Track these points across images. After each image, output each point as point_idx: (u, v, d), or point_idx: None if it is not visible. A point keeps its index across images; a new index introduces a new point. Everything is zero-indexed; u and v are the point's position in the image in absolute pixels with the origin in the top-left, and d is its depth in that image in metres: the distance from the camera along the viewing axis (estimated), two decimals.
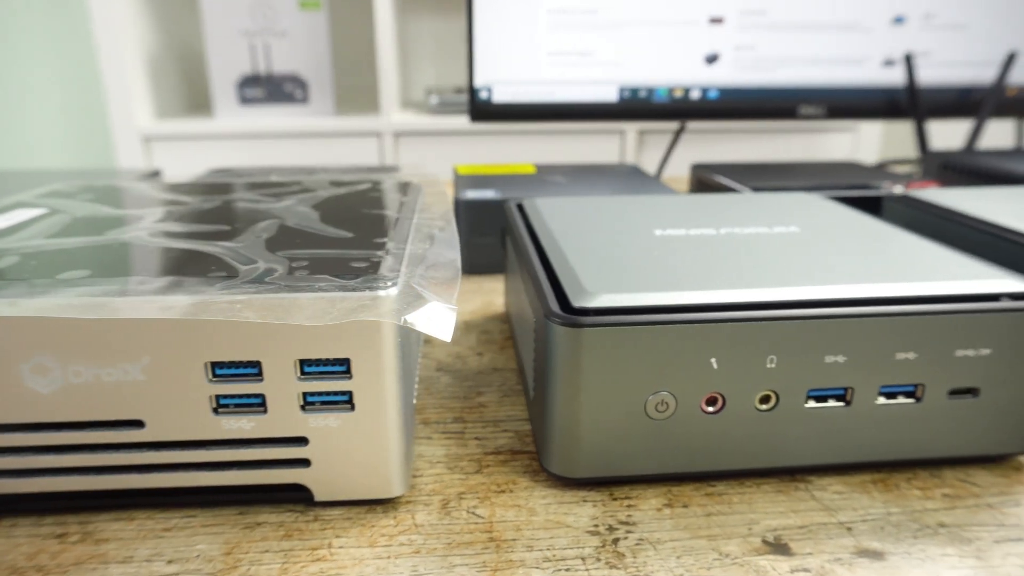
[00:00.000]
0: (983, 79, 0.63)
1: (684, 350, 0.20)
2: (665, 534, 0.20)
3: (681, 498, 0.22)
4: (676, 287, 0.21)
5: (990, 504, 0.22)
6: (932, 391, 0.22)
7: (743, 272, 0.23)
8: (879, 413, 0.22)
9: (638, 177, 0.49)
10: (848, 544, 0.20)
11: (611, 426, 0.21)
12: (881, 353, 0.21)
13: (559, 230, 0.28)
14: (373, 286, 0.19)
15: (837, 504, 0.22)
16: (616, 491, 0.22)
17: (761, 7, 0.60)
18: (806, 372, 0.21)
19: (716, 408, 0.21)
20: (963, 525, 0.21)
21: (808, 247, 0.25)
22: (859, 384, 0.21)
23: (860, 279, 0.22)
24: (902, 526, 0.21)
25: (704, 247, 0.26)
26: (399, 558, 0.19)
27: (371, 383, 0.20)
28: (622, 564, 0.19)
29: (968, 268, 0.23)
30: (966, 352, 0.21)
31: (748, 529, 0.20)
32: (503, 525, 0.21)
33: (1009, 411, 0.22)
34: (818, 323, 0.21)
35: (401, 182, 0.32)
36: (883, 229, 0.28)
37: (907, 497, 0.22)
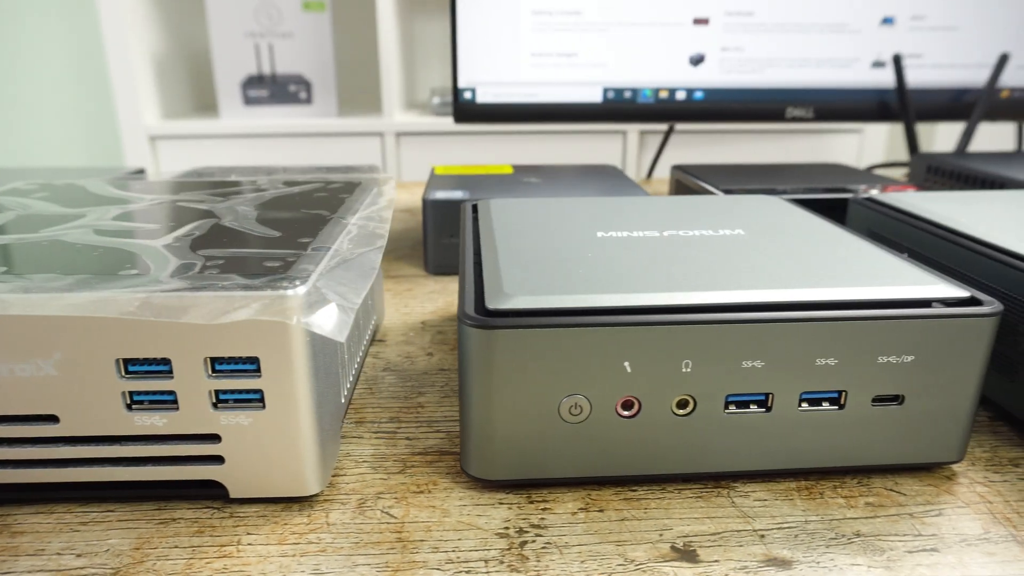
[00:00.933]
0: (975, 81, 0.62)
1: (596, 353, 0.20)
2: (574, 538, 0.20)
3: (599, 502, 0.22)
4: (594, 290, 0.21)
5: (912, 514, 0.21)
6: (855, 398, 0.21)
7: (670, 275, 0.22)
8: (802, 420, 0.22)
9: (614, 178, 0.49)
10: (757, 552, 0.20)
11: (526, 429, 0.21)
12: (800, 359, 0.21)
13: (502, 231, 0.28)
14: (276, 285, 0.19)
15: (756, 511, 0.21)
16: (534, 494, 0.22)
17: (747, 8, 0.59)
18: (723, 377, 0.21)
19: (632, 412, 0.21)
20: (880, 535, 0.20)
21: (746, 250, 0.25)
22: (779, 390, 0.21)
23: (785, 284, 0.22)
24: (817, 535, 0.20)
25: (641, 249, 0.25)
26: (304, 556, 0.19)
27: (281, 382, 0.20)
28: (523, 568, 0.19)
29: (903, 273, 0.23)
30: (888, 359, 0.21)
31: (659, 535, 0.20)
32: (414, 526, 0.21)
33: (934, 419, 0.22)
34: (733, 328, 0.20)
35: (352, 182, 0.32)
36: (832, 233, 0.28)
37: (829, 505, 0.22)
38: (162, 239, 0.23)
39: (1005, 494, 0.22)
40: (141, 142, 1.19)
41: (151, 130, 1.19)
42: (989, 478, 0.23)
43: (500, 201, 0.34)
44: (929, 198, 0.34)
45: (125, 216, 0.26)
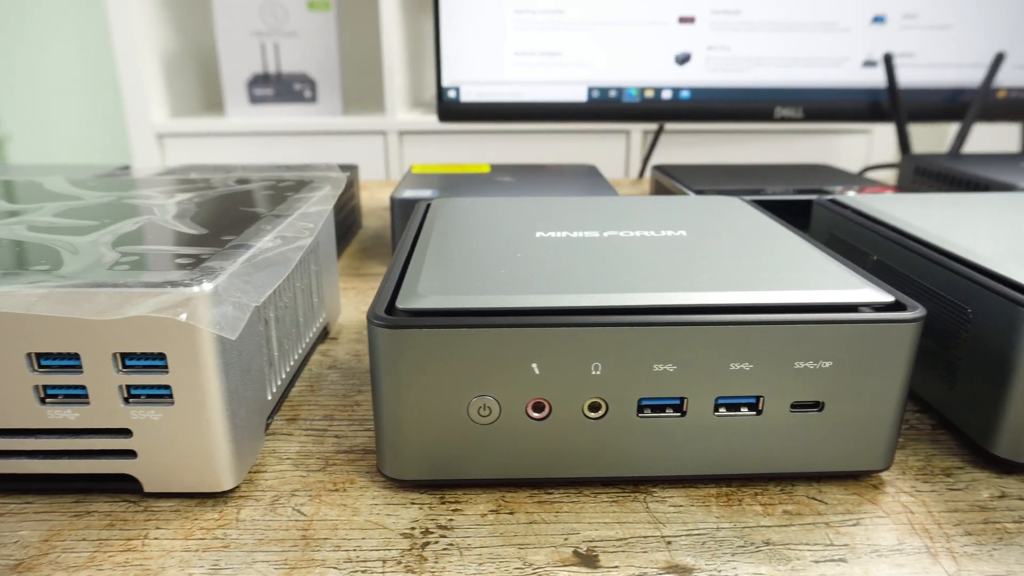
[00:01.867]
0: (971, 81, 0.60)
1: (503, 354, 0.20)
2: (478, 540, 0.20)
3: (511, 504, 0.22)
4: (509, 291, 0.21)
5: (828, 523, 0.21)
6: (773, 404, 0.21)
7: (590, 277, 0.22)
8: (719, 425, 0.21)
9: (589, 178, 0.48)
10: (660, 559, 0.19)
11: (436, 429, 0.21)
12: (714, 363, 0.20)
13: (442, 230, 0.28)
14: (176, 283, 0.19)
15: (669, 517, 0.21)
16: (448, 495, 0.22)
17: (734, 6, 0.58)
18: (635, 381, 0.21)
19: (543, 414, 0.21)
20: (790, 544, 0.20)
21: (679, 252, 0.25)
22: (694, 395, 0.21)
23: (704, 286, 0.21)
24: (726, 542, 0.20)
25: (573, 250, 0.25)
26: (206, 552, 0.20)
27: (189, 378, 0.20)
28: (420, 569, 0.19)
29: (831, 278, 0.22)
30: (805, 364, 0.21)
31: (565, 539, 0.20)
32: (322, 524, 0.21)
33: (857, 427, 0.21)
34: (642, 331, 0.20)
35: (303, 180, 0.32)
36: (777, 235, 0.27)
37: (745, 513, 0.21)
38: (90, 236, 0.23)
39: (930, 504, 0.21)
40: (149, 140, 1.21)
41: (158, 128, 1.21)
42: (917, 488, 0.22)
43: (451, 200, 0.34)
44: (892, 200, 0.33)
45: (66, 213, 0.27)
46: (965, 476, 0.23)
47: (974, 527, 0.20)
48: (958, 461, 0.24)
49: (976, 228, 0.28)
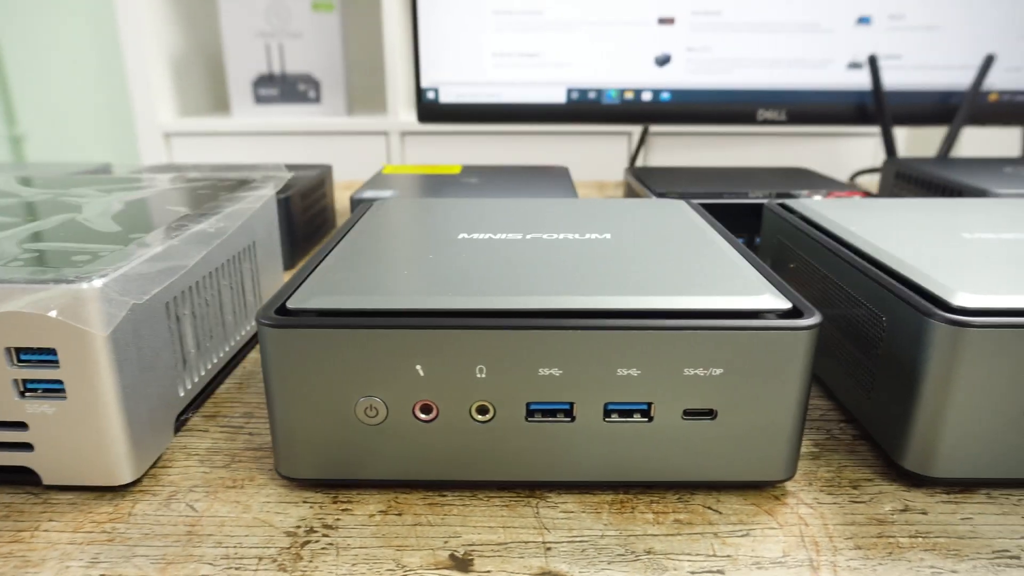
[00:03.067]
0: (962, 84, 0.59)
1: (387, 356, 0.20)
2: (359, 540, 0.20)
3: (402, 506, 0.22)
4: (398, 292, 0.21)
5: (717, 533, 0.20)
6: (664, 411, 0.21)
7: (492, 279, 0.22)
8: (609, 432, 0.21)
9: (554, 179, 0.48)
10: (535, 565, 0.19)
11: (326, 429, 0.21)
12: (601, 369, 0.20)
13: (366, 231, 0.28)
14: (59, 279, 0.19)
15: (557, 523, 0.21)
16: (342, 494, 0.22)
17: (715, 7, 0.58)
18: (521, 385, 0.20)
19: (431, 416, 0.21)
20: (671, 553, 0.19)
21: (594, 255, 0.25)
22: (582, 400, 0.21)
23: (599, 290, 0.21)
24: (607, 550, 0.20)
25: (487, 252, 0.25)
26: (90, 545, 0.20)
27: (80, 373, 0.20)
28: (293, 567, 0.19)
29: (739, 283, 0.22)
30: (695, 371, 0.20)
31: (445, 542, 0.20)
32: (211, 520, 0.21)
33: (752, 436, 0.21)
34: (524, 334, 0.20)
35: (244, 180, 0.33)
36: (702, 240, 0.27)
37: (635, 520, 0.21)
38: (6, 232, 0.24)
39: (827, 517, 0.21)
40: (156, 139, 1.24)
41: (166, 127, 1.23)
42: (819, 499, 0.22)
43: (390, 201, 0.34)
44: (839, 206, 0.33)
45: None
46: (872, 489, 0.22)
47: (866, 541, 0.20)
48: (869, 473, 0.23)
49: (913, 235, 0.28)
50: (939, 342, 0.21)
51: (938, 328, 0.20)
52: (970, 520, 0.21)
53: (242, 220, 0.26)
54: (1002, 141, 1.25)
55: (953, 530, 0.20)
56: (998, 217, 0.31)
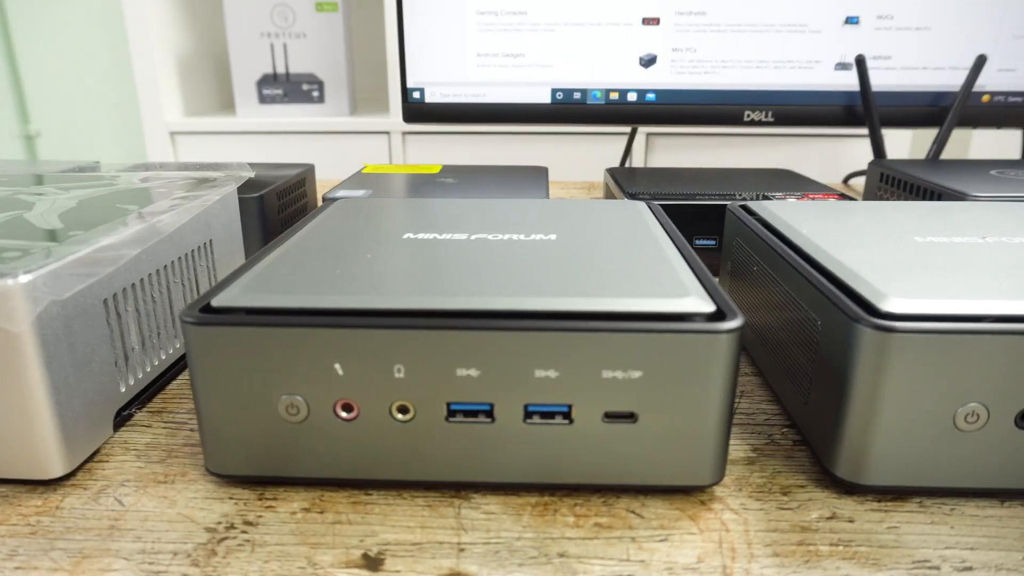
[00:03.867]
0: (954, 85, 0.58)
1: (306, 354, 0.20)
2: (276, 538, 0.20)
3: (326, 504, 0.22)
4: (321, 291, 0.21)
5: (635, 537, 0.20)
6: (584, 414, 0.21)
7: (422, 279, 0.22)
8: (531, 433, 0.21)
9: (529, 179, 0.48)
10: (445, 566, 0.19)
11: (250, 427, 0.21)
12: (518, 370, 0.20)
13: (316, 228, 0.28)
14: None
15: (476, 524, 0.21)
16: (269, 491, 0.22)
17: (700, 7, 0.57)
18: (440, 385, 0.20)
19: (352, 415, 0.21)
20: (585, 557, 0.19)
21: (529, 256, 0.24)
22: (501, 401, 0.21)
23: (522, 291, 0.21)
24: (520, 552, 0.20)
25: (426, 252, 0.25)
26: (11, 538, 0.20)
27: (5, 368, 0.21)
28: (205, 563, 0.19)
29: (667, 285, 0.22)
30: (614, 374, 0.20)
31: (360, 541, 0.20)
32: (135, 515, 0.21)
33: (674, 439, 0.21)
34: (441, 334, 0.20)
35: (203, 179, 0.33)
36: (647, 242, 0.26)
37: (555, 523, 0.21)
38: None
39: (752, 523, 0.21)
40: (163, 138, 1.25)
41: (172, 126, 1.25)
42: (747, 505, 0.21)
43: (350, 200, 0.34)
44: (795, 208, 0.32)
45: None
46: (802, 496, 0.22)
47: (785, 548, 0.20)
48: (803, 480, 0.23)
49: (863, 239, 0.27)
50: (866, 347, 0.20)
51: (865, 333, 0.20)
52: (896, 529, 0.20)
53: (188, 218, 0.27)
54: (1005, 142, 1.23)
55: (877, 539, 0.20)
56: (959, 221, 0.30)
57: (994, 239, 0.27)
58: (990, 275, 0.23)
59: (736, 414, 0.27)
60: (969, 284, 0.22)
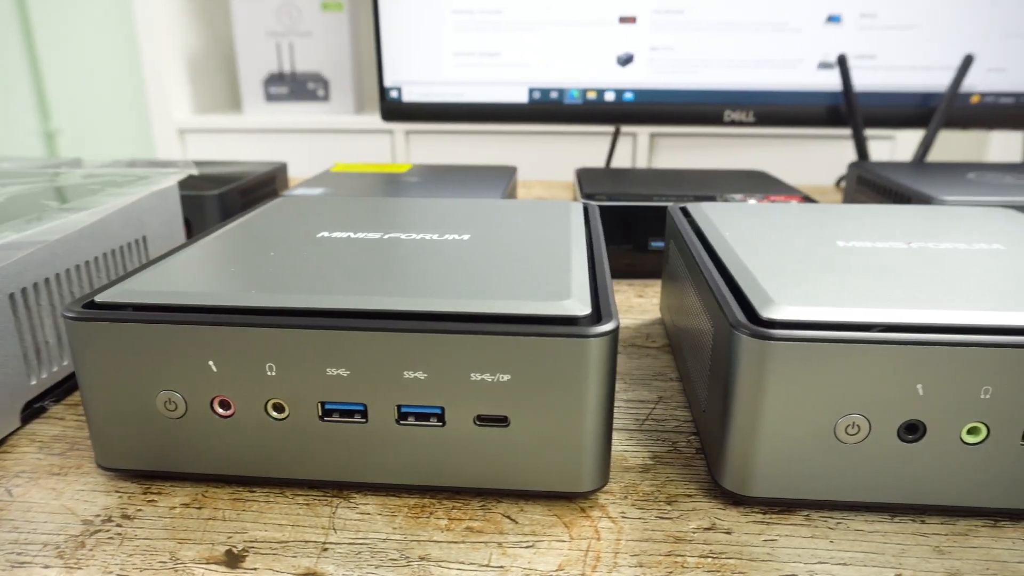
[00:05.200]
0: (942, 85, 0.56)
1: (181, 351, 0.20)
2: (148, 532, 0.20)
3: (208, 499, 0.22)
4: (207, 288, 0.21)
5: (502, 543, 0.20)
6: (455, 416, 0.20)
7: (304, 278, 0.22)
8: (405, 435, 0.21)
9: (492, 179, 0.48)
10: (303, 565, 0.19)
11: (132, 421, 0.21)
12: (388, 371, 0.20)
13: (243, 225, 0.29)
14: None
15: (348, 524, 0.21)
16: (155, 486, 0.22)
17: (677, 6, 0.56)
18: (312, 384, 0.20)
19: (229, 412, 0.21)
20: (446, 561, 0.19)
21: (430, 256, 0.24)
22: (373, 401, 0.20)
23: (400, 292, 0.21)
24: (381, 554, 0.19)
25: (329, 251, 0.25)
26: None
27: None
28: (70, 555, 0.19)
29: (551, 288, 0.21)
30: (483, 377, 0.20)
31: (229, 537, 0.20)
32: (20, 505, 0.21)
33: (548, 445, 0.20)
34: (310, 333, 0.20)
35: (141, 176, 0.33)
36: (556, 242, 0.26)
37: (426, 526, 0.21)
38: None
39: (627, 532, 0.20)
40: (172, 135, 1.28)
41: (181, 124, 1.27)
42: (627, 513, 0.21)
43: (289, 198, 0.34)
44: (729, 210, 0.32)
45: None
46: (687, 505, 0.21)
47: (652, 559, 0.19)
48: (694, 489, 0.22)
49: (783, 243, 0.26)
50: (745, 355, 0.20)
51: (743, 340, 0.20)
52: (773, 542, 0.20)
53: (107, 214, 0.27)
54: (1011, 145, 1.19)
55: (749, 552, 0.19)
56: (895, 225, 0.29)
57: (920, 245, 0.26)
58: (893, 283, 0.22)
59: (647, 420, 0.27)
60: (866, 292, 0.21)
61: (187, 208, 0.43)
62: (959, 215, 0.32)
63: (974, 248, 0.26)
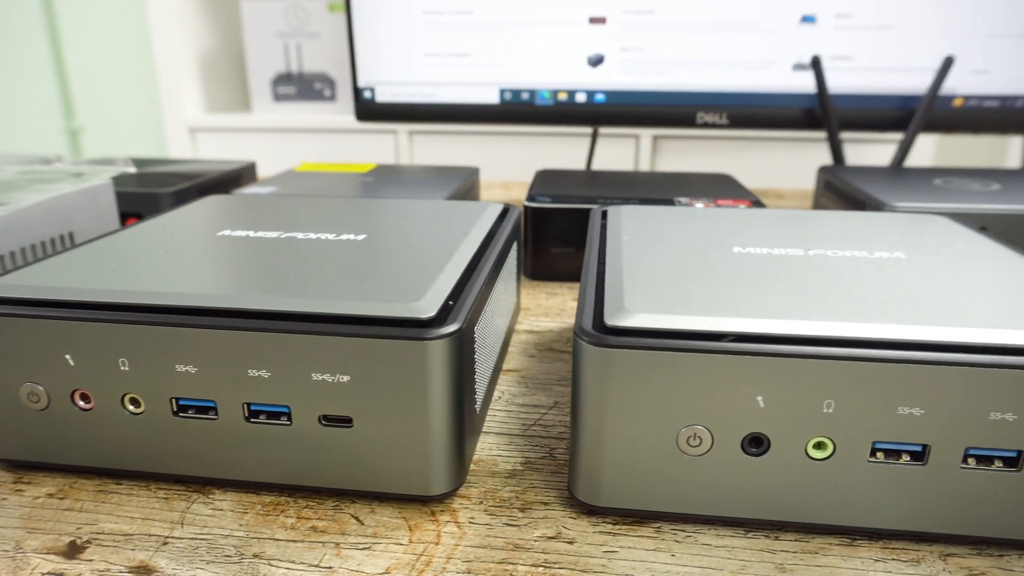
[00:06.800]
0: (922, 87, 0.54)
1: (40, 344, 0.21)
2: (4, 520, 0.21)
3: (74, 490, 0.22)
4: (79, 283, 0.22)
5: (340, 543, 0.20)
6: (301, 416, 0.20)
7: (172, 276, 0.22)
8: (254, 432, 0.21)
9: (444, 181, 0.48)
10: (137, 558, 0.19)
11: (4, 415, 0.22)
12: (234, 368, 0.20)
13: (158, 222, 0.29)
14: None
15: (198, 520, 0.21)
16: (26, 475, 0.23)
17: (648, 6, 0.55)
18: (162, 379, 0.21)
19: (89, 406, 0.21)
20: (278, 559, 0.19)
21: (307, 256, 0.24)
22: (223, 398, 0.21)
23: (249, 290, 0.21)
24: (219, 550, 0.20)
25: (215, 250, 0.25)
26: None
27: None
28: None
29: (405, 289, 0.21)
30: (323, 377, 0.20)
31: (78, 529, 0.20)
32: None
33: (393, 447, 0.20)
34: (157, 330, 0.20)
35: (77, 173, 0.34)
36: (445, 245, 0.26)
37: (273, 524, 0.21)
38: None
39: (468, 538, 0.20)
40: (183, 134, 1.31)
41: (192, 123, 1.30)
42: (476, 518, 0.21)
43: (220, 197, 0.35)
44: (640, 215, 0.31)
45: None
46: (540, 513, 0.21)
47: (482, 566, 0.19)
48: (553, 497, 0.22)
49: (675, 248, 0.26)
50: (586, 362, 0.19)
51: (584, 347, 0.19)
52: (613, 554, 0.19)
53: (19, 209, 0.28)
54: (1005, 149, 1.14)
55: (585, 562, 0.19)
56: (809, 232, 0.28)
57: (818, 252, 0.25)
58: (764, 291, 0.21)
59: (534, 425, 0.26)
60: (728, 300, 0.20)
61: (143, 206, 0.44)
62: (888, 222, 0.30)
63: (873, 257, 0.25)
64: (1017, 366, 0.17)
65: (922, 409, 0.18)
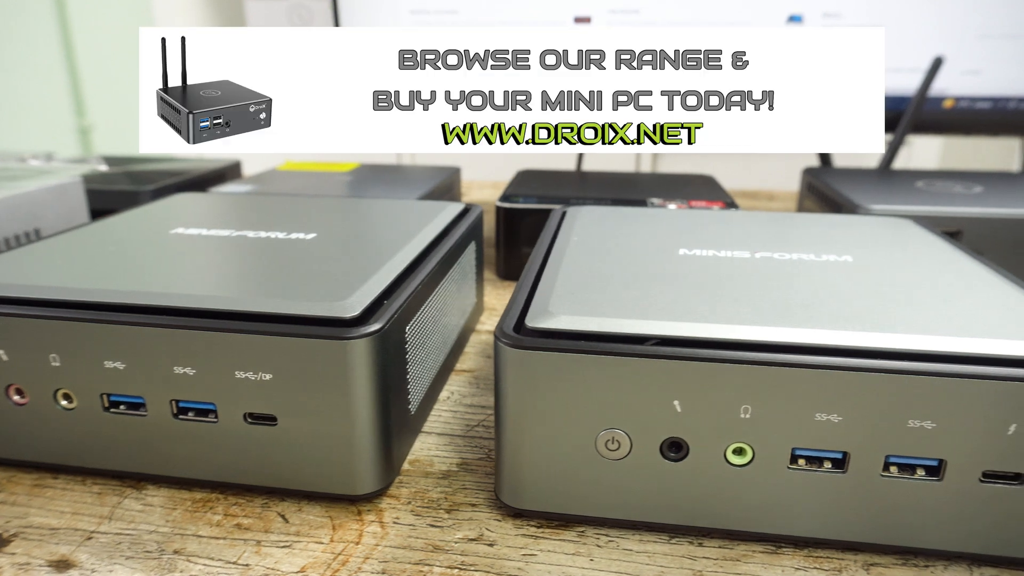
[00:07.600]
0: (911, 88, 0.53)
1: None
2: None
3: (10, 484, 0.22)
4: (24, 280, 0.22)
5: (262, 540, 0.20)
6: (226, 413, 0.20)
7: (108, 273, 0.23)
8: (181, 429, 0.21)
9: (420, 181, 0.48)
10: (58, 552, 0.19)
11: None
12: (160, 365, 0.20)
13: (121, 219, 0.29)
14: None
15: (126, 516, 0.21)
16: None
17: (633, 6, 0.55)
18: (92, 375, 0.21)
19: (24, 400, 0.22)
20: (198, 556, 0.19)
21: (253, 255, 0.25)
22: (150, 395, 0.21)
23: (175, 288, 0.21)
24: (139, 546, 0.20)
25: (162, 248, 0.26)
26: None
27: None
28: None
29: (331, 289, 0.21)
30: (245, 375, 0.20)
31: (7, 522, 0.21)
32: None
33: (314, 445, 0.20)
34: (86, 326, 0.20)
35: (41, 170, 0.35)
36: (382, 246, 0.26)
37: (199, 520, 0.21)
38: None
39: (389, 538, 0.20)
40: None
41: None
42: (401, 519, 0.21)
43: (186, 195, 0.35)
44: (597, 216, 0.31)
45: None
46: (465, 515, 0.21)
47: (398, 567, 0.19)
48: (482, 499, 0.22)
49: (621, 249, 0.26)
50: (504, 364, 0.19)
51: (502, 349, 0.19)
52: (532, 557, 0.19)
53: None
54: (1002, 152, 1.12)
55: (501, 564, 0.19)
56: (763, 235, 0.28)
57: (764, 255, 0.25)
58: (697, 294, 0.21)
59: (478, 427, 0.26)
60: (654, 303, 0.20)
61: (122, 204, 0.44)
62: (851, 225, 0.30)
63: (820, 260, 0.24)
64: (935, 373, 0.17)
65: (840, 416, 0.18)
